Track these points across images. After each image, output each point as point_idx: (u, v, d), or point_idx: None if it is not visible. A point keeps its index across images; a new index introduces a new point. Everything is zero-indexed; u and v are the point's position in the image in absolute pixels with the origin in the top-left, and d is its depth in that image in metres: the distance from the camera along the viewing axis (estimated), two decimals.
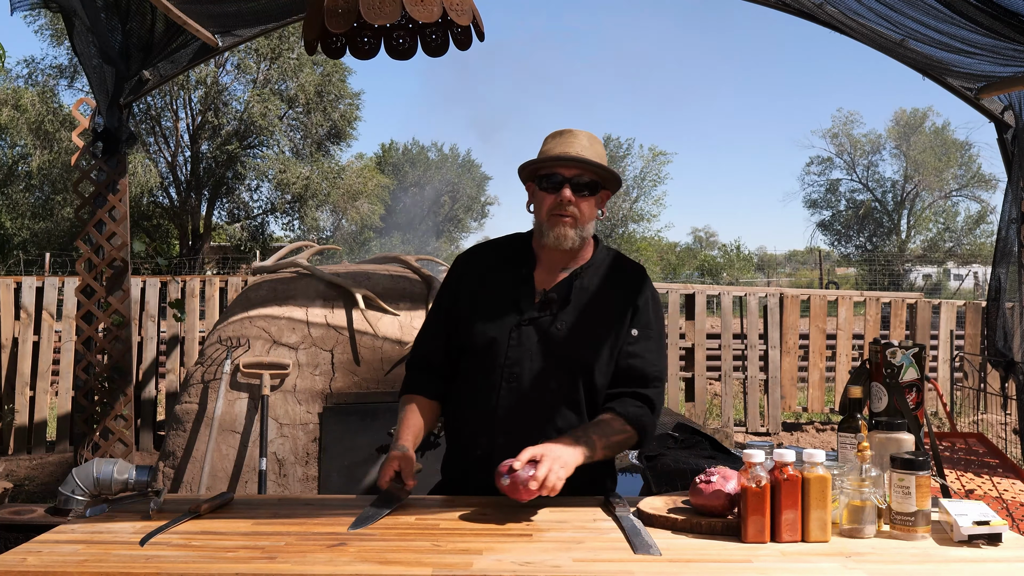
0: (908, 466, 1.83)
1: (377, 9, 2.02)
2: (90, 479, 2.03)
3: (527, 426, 2.14)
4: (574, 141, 2.19)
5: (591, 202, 2.21)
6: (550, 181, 2.19)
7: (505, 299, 2.21)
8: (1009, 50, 3.53)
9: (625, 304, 2.23)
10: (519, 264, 2.25)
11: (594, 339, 2.18)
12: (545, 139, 2.26)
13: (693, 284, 9.32)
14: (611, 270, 2.27)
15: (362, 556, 1.68)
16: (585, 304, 2.20)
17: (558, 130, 2.23)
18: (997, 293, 4.37)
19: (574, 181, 2.17)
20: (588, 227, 2.22)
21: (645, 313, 2.24)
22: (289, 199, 25.88)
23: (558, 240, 2.18)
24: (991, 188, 39.24)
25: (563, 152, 2.17)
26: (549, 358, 2.16)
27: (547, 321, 2.18)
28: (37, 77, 24.12)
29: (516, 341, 2.17)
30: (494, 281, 2.25)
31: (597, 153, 2.21)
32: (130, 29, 4.31)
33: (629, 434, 2.17)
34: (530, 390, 2.15)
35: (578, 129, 2.22)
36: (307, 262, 5.35)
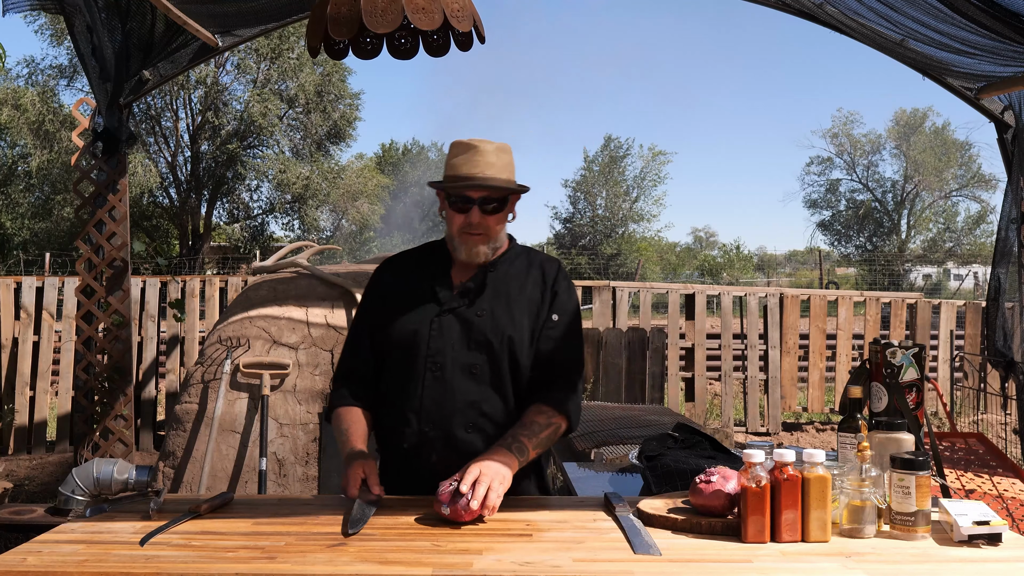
0: (908, 466, 1.83)
1: (379, 17, 2.04)
2: (90, 479, 2.03)
3: (453, 414, 2.16)
4: (480, 159, 2.17)
5: (500, 216, 2.22)
6: (458, 200, 2.19)
7: (423, 295, 2.25)
8: (1009, 50, 3.53)
9: (542, 289, 2.27)
10: (436, 265, 2.30)
11: (514, 322, 2.21)
12: (451, 148, 2.23)
13: (693, 284, 9.32)
14: (527, 263, 2.31)
15: (362, 556, 1.68)
16: (502, 290, 2.24)
17: (464, 142, 2.20)
18: (997, 293, 4.37)
19: (482, 201, 2.18)
20: (500, 238, 2.25)
21: (563, 301, 2.28)
22: (289, 199, 25.89)
23: (471, 255, 2.22)
24: (991, 188, 39.26)
25: (469, 173, 2.16)
26: (471, 344, 2.19)
27: (466, 309, 2.21)
28: (37, 77, 24.15)
29: (437, 331, 2.20)
30: (412, 283, 2.29)
31: (505, 165, 2.20)
32: (130, 29, 4.31)
33: (558, 424, 2.20)
34: (454, 378, 2.17)
35: (484, 142, 2.19)
36: (307, 262, 5.35)
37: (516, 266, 2.29)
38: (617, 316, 8.15)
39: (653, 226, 41.63)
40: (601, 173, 39.46)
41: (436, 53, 2.38)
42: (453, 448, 2.13)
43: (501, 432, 2.17)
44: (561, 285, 2.29)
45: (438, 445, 2.15)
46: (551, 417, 2.18)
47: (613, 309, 8.18)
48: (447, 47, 2.37)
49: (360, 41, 2.37)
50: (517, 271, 2.28)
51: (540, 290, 2.27)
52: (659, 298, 10.86)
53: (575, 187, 40.29)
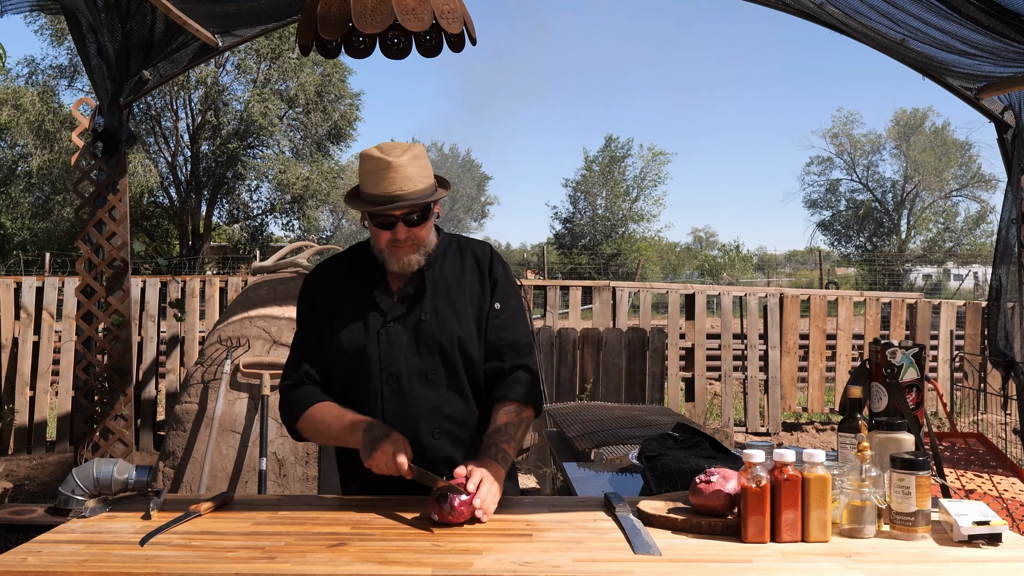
0: (908, 466, 1.83)
1: (368, 17, 2.05)
2: (90, 479, 2.03)
3: (418, 422, 2.14)
4: (395, 176, 2.07)
5: (427, 223, 2.16)
6: (380, 220, 2.11)
7: (365, 305, 2.19)
8: (1009, 50, 3.53)
9: (481, 280, 2.25)
10: (370, 270, 2.23)
11: (460, 319, 2.19)
12: (362, 161, 2.12)
13: (693, 284, 9.32)
14: (459, 253, 2.27)
15: (362, 556, 1.68)
16: (443, 289, 2.21)
17: (375, 157, 2.08)
18: (998, 293, 4.37)
19: (406, 218, 2.11)
20: (430, 241, 2.20)
21: (503, 286, 2.26)
22: (289, 199, 25.89)
23: (403, 267, 2.16)
24: (991, 188, 39.26)
25: (386, 192, 2.07)
26: (423, 349, 2.16)
27: (413, 316, 2.18)
28: (37, 77, 24.14)
29: (386, 343, 2.16)
30: (348, 293, 2.23)
31: (421, 172, 2.11)
32: (130, 29, 4.31)
33: (528, 418, 2.20)
34: (412, 387, 2.15)
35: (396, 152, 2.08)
36: (307, 262, 5.35)
37: (449, 258, 2.26)
38: (617, 316, 8.15)
39: (653, 226, 41.64)
40: (601, 173, 39.45)
41: (428, 54, 2.38)
42: (422, 456, 2.09)
43: (467, 432, 2.17)
44: (497, 270, 2.27)
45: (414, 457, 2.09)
46: (520, 413, 2.18)
47: (613, 309, 8.18)
48: (439, 48, 2.37)
49: (352, 40, 2.37)
50: (452, 264, 2.25)
51: (479, 279, 2.25)
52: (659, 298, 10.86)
53: (575, 187, 40.30)
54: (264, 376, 4.59)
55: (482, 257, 2.28)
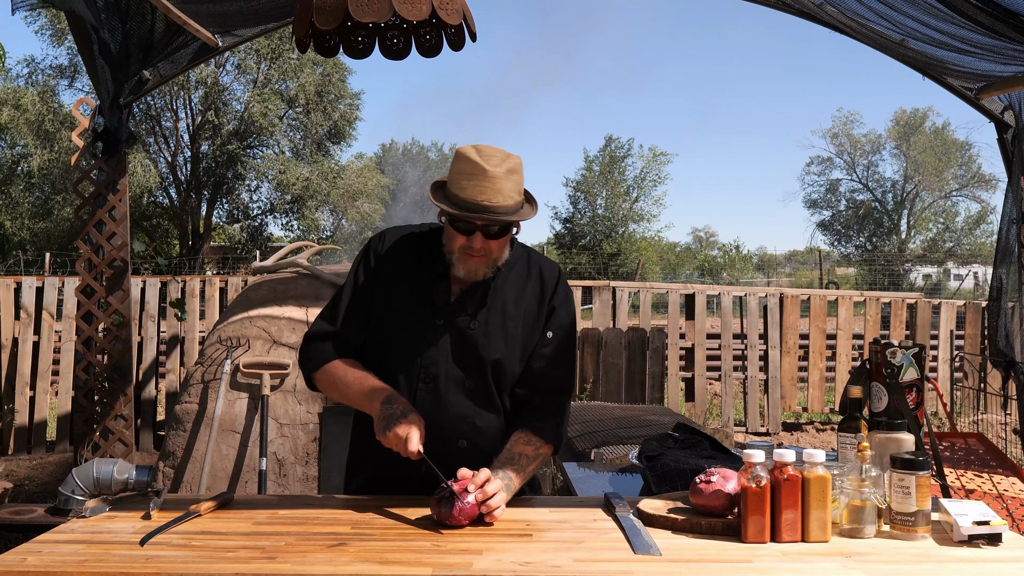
0: (908, 466, 1.83)
1: (365, 6, 2.01)
2: (90, 479, 2.03)
3: (445, 426, 2.11)
4: (488, 186, 1.99)
5: (505, 238, 2.10)
6: (460, 225, 2.05)
7: (422, 297, 2.14)
8: (1009, 50, 3.53)
9: (540, 303, 2.19)
10: (435, 261, 2.16)
11: (507, 338, 2.14)
12: (458, 160, 2.04)
13: (693, 284, 9.32)
14: (527, 269, 2.21)
15: (362, 556, 1.68)
16: (500, 303, 2.15)
17: (472, 159, 2.01)
18: (998, 293, 4.37)
19: (486, 229, 2.04)
20: (502, 256, 2.13)
21: (561, 316, 2.20)
22: (289, 199, 25.89)
23: (468, 274, 2.10)
24: (991, 188, 39.27)
25: (475, 201, 1.99)
26: (464, 360, 2.12)
27: (464, 321, 2.13)
28: (37, 77, 24.15)
29: (433, 341, 2.12)
30: (411, 276, 2.16)
31: (514, 188, 2.03)
32: (130, 29, 4.31)
33: (544, 455, 2.15)
34: (448, 392, 2.12)
35: (493, 161, 2.01)
36: (307, 262, 5.35)
37: (515, 273, 2.19)
38: (617, 316, 8.15)
39: (653, 226, 41.60)
40: (601, 173, 39.45)
41: (428, 53, 2.36)
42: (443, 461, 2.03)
43: (493, 444, 2.13)
44: (559, 298, 2.20)
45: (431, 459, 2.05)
46: (538, 448, 2.13)
47: (613, 309, 8.18)
48: (439, 47, 2.34)
49: (351, 39, 2.35)
50: (516, 279, 2.19)
51: (537, 302, 2.19)
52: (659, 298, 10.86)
53: (575, 187, 40.30)
54: (264, 376, 4.59)
55: (548, 280, 2.21)
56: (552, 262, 2.29)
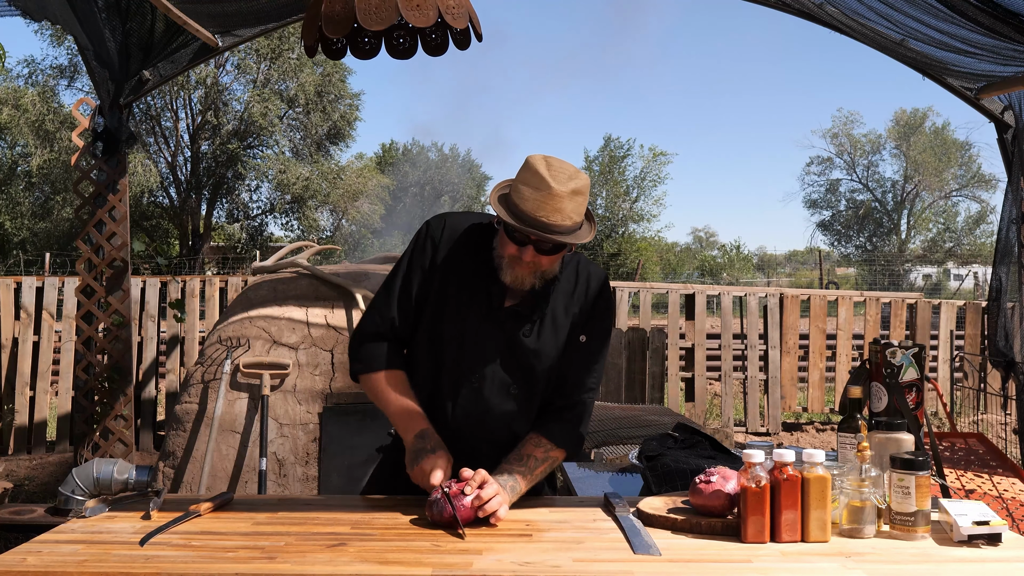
0: (908, 466, 1.83)
1: (374, 15, 2.03)
2: (90, 479, 2.03)
3: (483, 429, 2.12)
4: (550, 205, 1.95)
5: (557, 256, 2.06)
6: (515, 236, 2.02)
7: (477, 295, 2.11)
8: (1009, 50, 3.53)
9: (582, 308, 2.18)
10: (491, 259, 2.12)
11: (557, 347, 2.14)
12: (527, 168, 2.00)
13: (693, 284, 9.32)
14: (576, 275, 2.19)
15: (362, 556, 1.68)
16: (552, 314, 2.14)
17: (540, 174, 1.97)
18: (998, 293, 4.37)
19: (539, 244, 2.00)
20: (551, 271, 2.09)
21: (598, 323, 2.19)
22: (289, 199, 25.90)
23: (515, 282, 2.07)
24: (991, 188, 39.30)
25: (535, 217, 1.95)
26: (512, 365, 2.12)
27: (516, 327, 2.11)
28: (37, 77, 24.16)
29: (482, 343, 2.11)
30: (468, 269, 2.13)
31: (577, 210, 1.99)
32: (130, 29, 4.32)
33: (555, 459, 2.15)
34: (492, 395, 2.12)
35: (561, 178, 1.98)
36: (307, 262, 5.35)
37: (564, 280, 2.16)
38: (617, 316, 8.15)
39: (653, 226, 41.64)
40: (601, 173, 39.45)
41: (434, 52, 2.37)
42: (473, 462, 2.02)
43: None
44: (600, 305, 2.19)
45: (459, 457, 2.06)
46: (548, 451, 2.13)
47: None
48: (445, 46, 2.35)
49: (358, 41, 2.36)
50: (565, 286, 2.16)
51: (580, 307, 2.18)
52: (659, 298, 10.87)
53: None
54: (264, 376, 4.59)
55: (594, 287, 2.20)
56: (600, 269, 2.27)
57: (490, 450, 2.11)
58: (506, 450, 2.12)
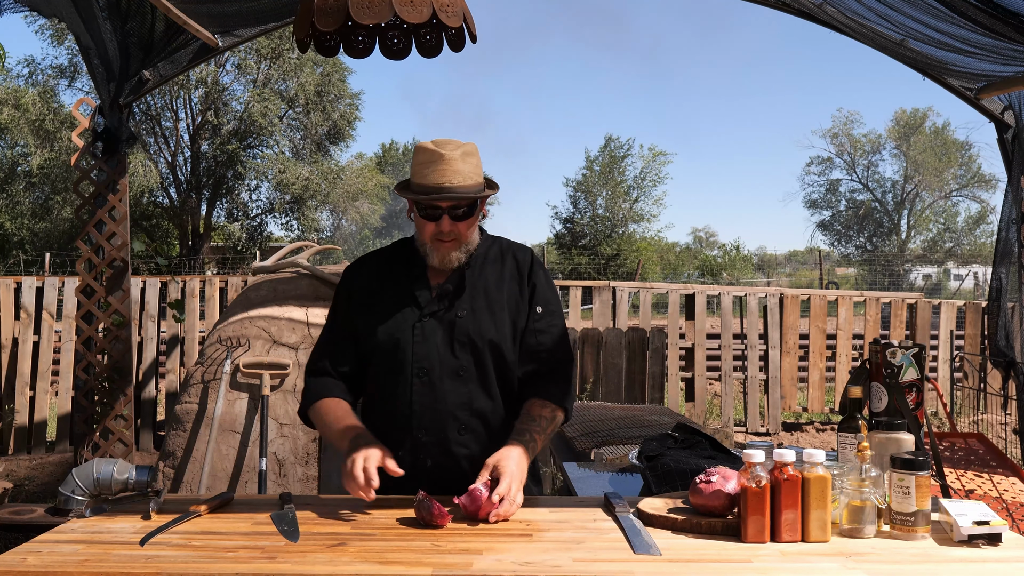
0: (908, 466, 1.83)
1: (367, 8, 2.03)
2: (90, 479, 2.03)
3: (446, 418, 2.16)
4: (446, 168, 2.11)
5: (472, 220, 2.19)
6: (427, 210, 2.15)
7: (403, 299, 2.22)
8: (1009, 50, 3.53)
9: (520, 283, 2.27)
10: (411, 266, 2.26)
11: (496, 319, 2.21)
12: (416, 153, 2.18)
13: (693, 284, 9.32)
14: (501, 256, 2.30)
15: (362, 556, 1.68)
16: (481, 289, 2.23)
17: (428, 149, 2.13)
18: (998, 293, 4.37)
19: (452, 211, 2.14)
20: (472, 240, 2.21)
21: (543, 291, 2.28)
22: (288, 199, 25.89)
23: (443, 262, 2.18)
24: (991, 188, 39.30)
25: (436, 184, 2.11)
26: (456, 346, 2.18)
27: (446, 311, 2.20)
28: (37, 77, 24.14)
29: (420, 337, 2.18)
30: (388, 286, 2.26)
31: (472, 169, 2.14)
32: (130, 29, 4.32)
33: (559, 419, 2.24)
34: (442, 382, 2.17)
35: (449, 147, 2.13)
36: (307, 262, 5.35)
37: (490, 260, 2.28)
38: (617, 316, 8.15)
39: (653, 226, 41.57)
40: (601, 173, 39.44)
41: (428, 54, 2.37)
42: (448, 452, 2.14)
43: (491, 430, 2.18)
44: (538, 275, 2.29)
45: (433, 450, 2.15)
46: (554, 411, 2.21)
47: (613, 309, 8.18)
48: (439, 47, 2.35)
49: (352, 40, 2.35)
50: (492, 264, 2.27)
51: (518, 283, 2.27)
52: (659, 298, 10.86)
53: (576, 187, 40.29)
54: (264, 376, 4.59)
55: (523, 261, 2.30)
56: (522, 245, 2.38)
57: (462, 438, 2.16)
58: (474, 432, 2.18)
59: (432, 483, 2.06)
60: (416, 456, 2.15)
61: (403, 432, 2.17)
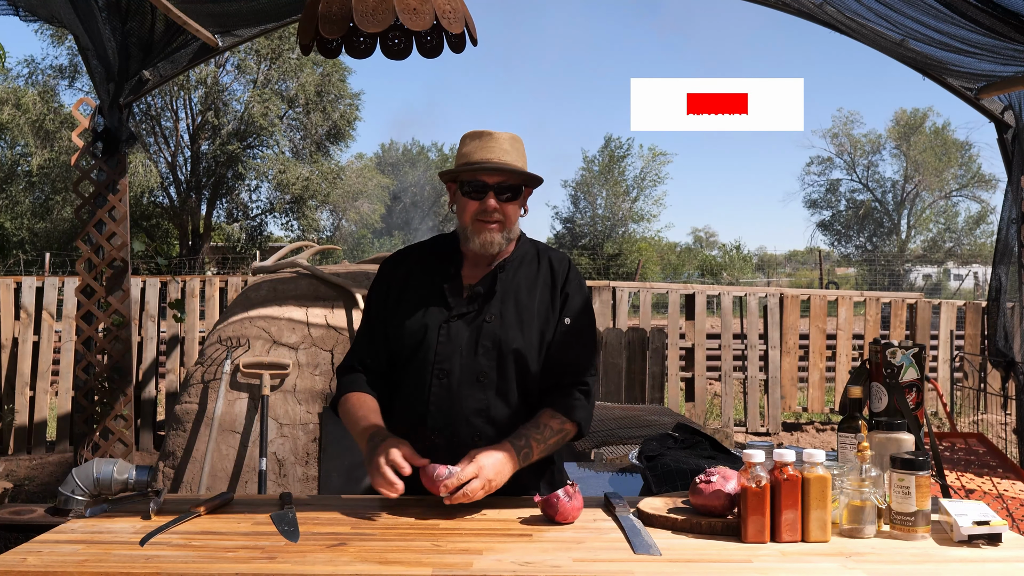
0: (908, 466, 1.83)
1: (370, 16, 2.04)
2: (90, 479, 2.03)
3: (459, 422, 2.14)
4: (495, 145, 2.15)
5: (515, 205, 2.19)
6: (473, 187, 2.15)
7: (433, 297, 2.21)
8: (1009, 50, 3.53)
9: (552, 292, 2.24)
10: (446, 263, 2.24)
11: (523, 328, 2.18)
12: (463, 139, 2.22)
13: (693, 284, 9.32)
14: (536, 260, 2.27)
15: (362, 556, 1.68)
16: (512, 294, 2.20)
17: (477, 131, 2.19)
18: (997, 293, 4.37)
19: (498, 187, 2.15)
20: (514, 229, 2.21)
21: (575, 301, 2.24)
22: (288, 199, 25.89)
23: (484, 246, 2.17)
24: (991, 188, 39.30)
25: (485, 158, 2.14)
26: (479, 351, 2.15)
27: (475, 315, 2.18)
28: (37, 77, 24.15)
29: (445, 337, 2.16)
30: (421, 281, 2.24)
31: (519, 154, 2.19)
32: (130, 29, 4.32)
33: (568, 431, 2.19)
34: (461, 386, 2.15)
35: (498, 131, 2.18)
36: (307, 262, 5.35)
37: (526, 265, 2.25)
38: (617, 316, 8.15)
39: (653, 226, 41.61)
40: (601, 173, 39.45)
41: (429, 54, 2.37)
42: (459, 456, 2.07)
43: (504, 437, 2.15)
44: (572, 285, 2.25)
45: (445, 453, 2.10)
46: (563, 423, 2.17)
47: (613, 309, 8.18)
48: (440, 48, 2.36)
49: (353, 40, 2.36)
50: (527, 271, 2.24)
51: (550, 292, 2.23)
52: (659, 298, 10.85)
53: (575, 187, 40.30)
54: (264, 376, 4.59)
55: (558, 269, 2.26)
56: (561, 252, 2.34)
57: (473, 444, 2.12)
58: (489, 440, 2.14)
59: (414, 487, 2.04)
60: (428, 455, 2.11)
61: (417, 432, 2.15)
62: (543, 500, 1.93)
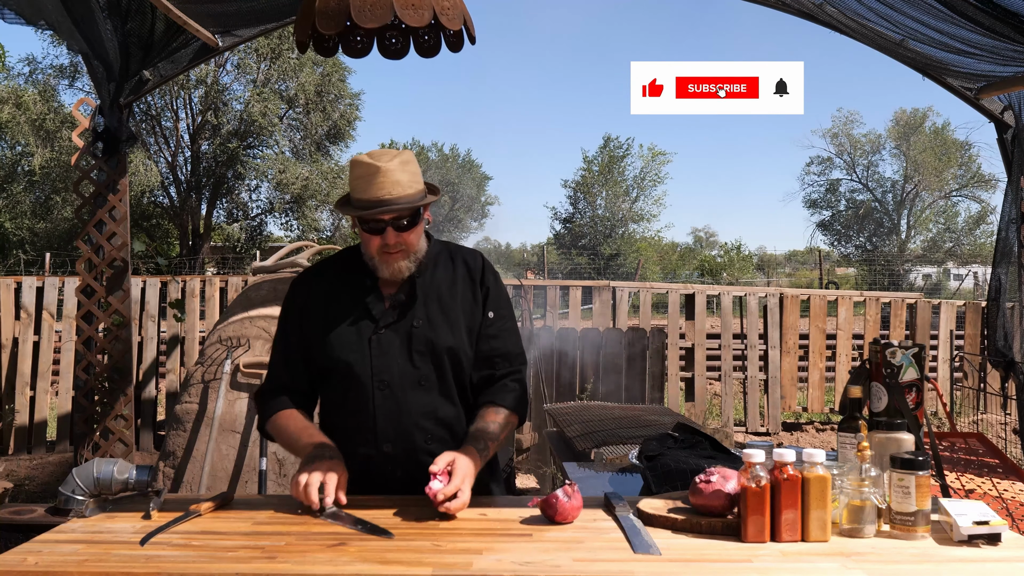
0: (908, 466, 1.83)
1: (368, 12, 2.04)
2: (90, 479, 2.03)
3: (411, 428, 2.16)
4: (384, 180, 2.08)
5: (417, 228, 2.17)
6: (370, 226, 2.13)
7: (356, 311, 2.20)
8: (1009, 50, 3.53)
9: (473, 289, 2.26)
10: (361, 276, 2.23)
11: (452, 326, 2.20)
12: (352, 165, 2.14)
13: (693, 284, 9.33)
14: (451, 260, 2.28)
15: (362, 556, 1.68)
16: (434, 296, 2.21)
17: (363, 161, 2.10)
18: (997, 293, 4.37)
19: (394, 222, 2.12)
20: (420, 247, 2.20)
21: (495, 295, 2.28)
22: (288, 199, 25.90)
23: (393, 274, 2.17)
24: (991, 188, 39.28)
25: (376, 197, 2.08)
26: (414, 356, 2.17)
27: (403, 322, 2.18)
28: (38, 76, 24.16)
29: (378, 349, 2.17)
30: (340, 298, 2.23)
31: (411, 177, 2.13)
32: (130, 29, 4.31)
33: (513, 424, 2.23)
34: (404, 393, 2.16)
35: (385, 158, 2.10)
36: (307, 262, 5.35)
37: (441, 266, 2.26)
38: (617, 316, 8.15)
39: (653, 226, 41.62)
40: (601, 173, 39.45)
41: (427, 54, 2.38)
42: (416, 462, 2.10)
43: (457, 437, 2.17)
44: (489, 279, 2.28)
45: (401, 460, 2.15)
46: (508, 416, 2.21)
47: (613, 309, 8.18)
48: (438, 48, 2.36)
49: (350, 39, 2.36)
50: (443, 271, 2.26)
51: (471, 288, 2.26)
52: (659, 298, 10.85)
53: (575, 187, 40.29)
54: (264, 376, 4.58)
55: (474, 266, 2.28)
56: (472, 249, 2.37)
57: (429, 447, 2.15)
58: (440, 441, 2.16)
59: (405, 494, 2.06)
60: (385, 468, 2.15)
61: (369, 446, 2.16)
62: (543, 500, 1.94)
